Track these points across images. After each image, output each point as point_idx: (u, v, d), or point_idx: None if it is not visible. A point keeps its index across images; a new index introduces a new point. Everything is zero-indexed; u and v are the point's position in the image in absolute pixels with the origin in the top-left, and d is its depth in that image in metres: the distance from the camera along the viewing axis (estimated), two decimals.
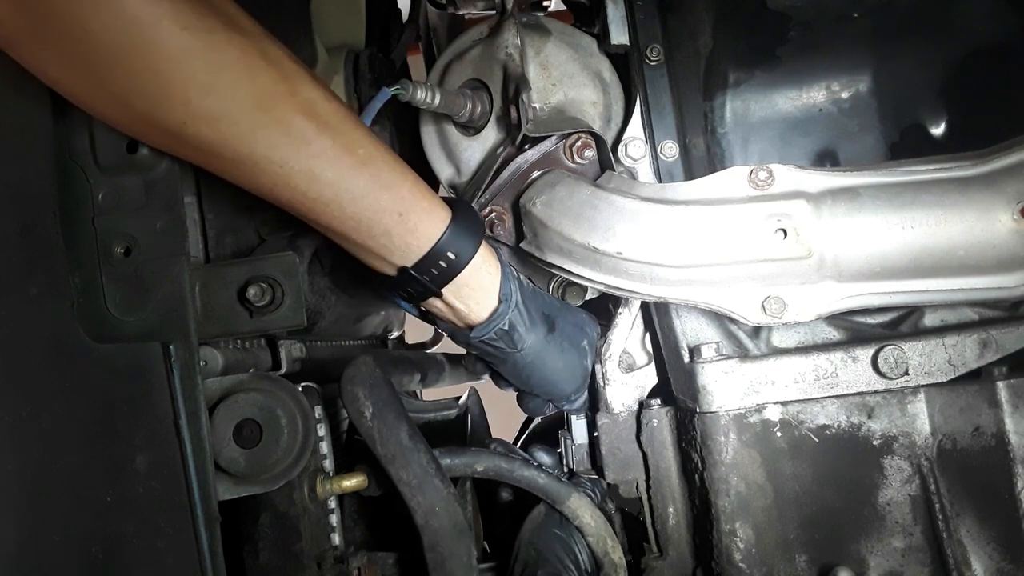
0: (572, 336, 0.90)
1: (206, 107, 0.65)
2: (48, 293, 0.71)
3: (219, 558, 0.71)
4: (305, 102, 0.69)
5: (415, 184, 0.77)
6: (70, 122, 0.74)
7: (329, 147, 0.71)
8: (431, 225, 0.78)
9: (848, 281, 0.83)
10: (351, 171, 0.72)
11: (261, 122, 0.67)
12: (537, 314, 0.86)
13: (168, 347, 0.71)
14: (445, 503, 0.81)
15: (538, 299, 0.88)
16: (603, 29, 0.96)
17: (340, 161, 0.72)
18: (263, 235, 0.86)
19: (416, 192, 0.77)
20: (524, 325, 0.85)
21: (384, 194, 0.75)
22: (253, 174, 0.70)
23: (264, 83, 0.67)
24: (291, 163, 0.69)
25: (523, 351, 0.86)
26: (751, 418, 0.86)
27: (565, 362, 0.89)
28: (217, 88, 0.65)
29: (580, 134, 0.92)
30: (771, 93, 1.01)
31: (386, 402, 0.83)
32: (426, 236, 0.78)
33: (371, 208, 0.74)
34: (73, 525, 0.68)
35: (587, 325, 0.93)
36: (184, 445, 0.70)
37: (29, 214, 0.72)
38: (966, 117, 0.97)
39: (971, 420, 0.83)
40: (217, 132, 0.67)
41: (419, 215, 0.77)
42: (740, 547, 0.85)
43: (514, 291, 0.83)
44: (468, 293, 0.82)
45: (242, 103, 0.66)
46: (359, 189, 0.73)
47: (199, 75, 0.64)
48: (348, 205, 0.74)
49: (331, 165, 0.71)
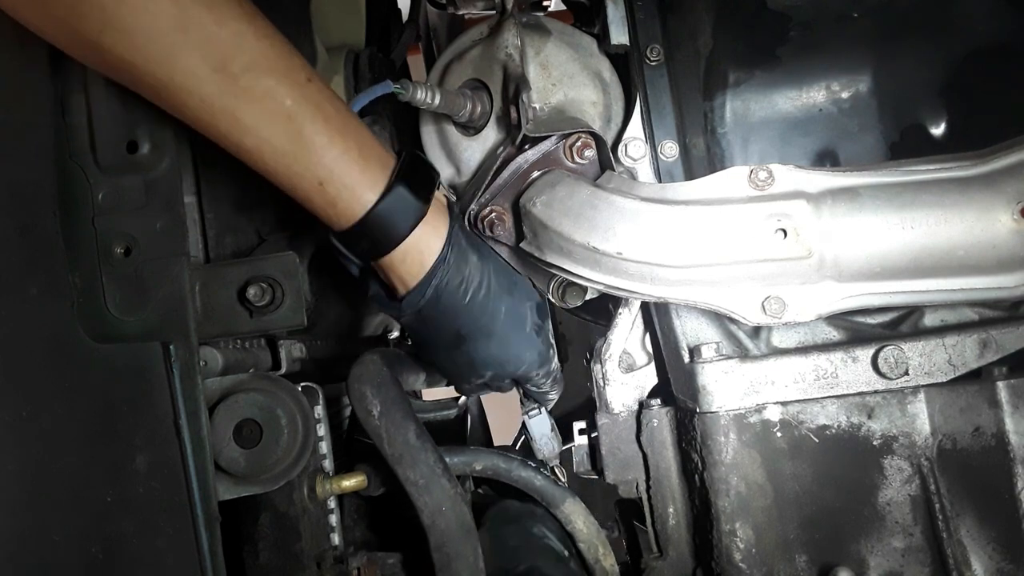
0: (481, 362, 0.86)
1: (121, 18, 0.62)
2: (48, 293, 0.71)
3: (219, 558, 0.71)
4: (232, 34, 0.65)
5: (344, 152, 0.71)
6: (70, 122, 0.74)
7: (252, 88, 0.66)
8: (352, 202, 0.73)
9: (848, 281, 0.83)
10: (272, 121, 0.68)
11: (179, 44, 0.64)
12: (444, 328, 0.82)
13: (168, 347, 0.71)
14: (452, 503, 0.81)
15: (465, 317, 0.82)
16: (603, 29, 0.96)
17: (262, 107, 0.67)
18: (263, 235, 0.86)
19: (342, 162, 0.71)
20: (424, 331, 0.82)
21: (304, 156, 0.70)
22: (176, 105, 0.67)
23: (186, 2, 0.63)
24: (211, 99, 0.66)
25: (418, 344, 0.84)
26: (751, 418, 0.86)
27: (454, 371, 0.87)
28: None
29: (580, 134, 0.92)
30: (771, 93, 1.00)
31: (393, 401, 0.83)
32: (345, 213, 0.74)
33: (290, 168, 0.70)
34: (73, 525, 0.68)
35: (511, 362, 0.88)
36: (184, 445, 0.70)
37: (29, 214, 0.72)
38: (966, 117, 0.97)
39: (971, 420, 0.83)
40: (134, 48, 0.63)
41: (339, 189, 0.72)
42: (740, 547, 0.85)
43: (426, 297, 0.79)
44: (389, 274, 0.79)
45: (160, 20, 0.63)
46: (279, 144, 0.69)
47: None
48: (269, 159, 0.70)
49: (252, 110, 0.67)
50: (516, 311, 0.87)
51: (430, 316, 0.81)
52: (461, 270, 0.81)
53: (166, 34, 0.63)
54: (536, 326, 0.89)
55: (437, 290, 0.79)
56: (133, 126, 0.74)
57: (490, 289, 0.84)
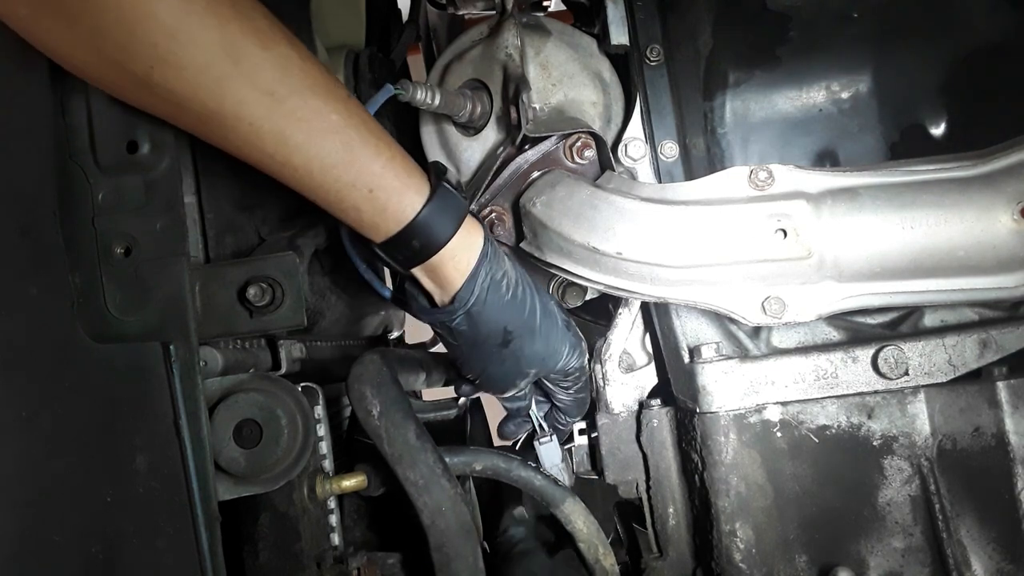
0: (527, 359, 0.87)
1: (172, 53, 0.63)
2: (48, 293, 0.71)
3: (219, 558, 0.71)
4: (278, 58, 0.67)
5: (391, 160, 0.74)
6: (70, 122, 0.74)
7: (300, 108, 0.68)
8: (401, 207, 0.75)
9: (848, 281, 0.83)
10: (321, 137, 0.70)
11: (229, 74, 0.65)
12: (494, 327, 0.84)
13: (168, 347, 0.71)
14: (452, 503, 0.81)
15: (509, 314, 0.84)
16: (603, 29, 0.96)
17: (311, 125, 0.69)
18: (263, 235, 0.86)
19: (391, 168, 0.74)
20: (473, 332, 0.83)
21: (355, 166, 0.72)
22: (222, 131, 0.68)
23: (234, 33, 0.64)
24: (260, 122, 0.67)
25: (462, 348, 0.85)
26: (751, 418, 0.86)
27: (504, 372, 0.88)
28: (183, 33, 0.63)
29: (580, 134, 0.92)
30: (771, 93, 1.01)
31: (393, 401, 0.83)
32: (394, 218, 0.75)
33: (341, 179, 0.72)
34: (73, 525, 0.68)
35: (553, 357, 0.90)
36: (184, 445, 0.70)
37: (29, 214, 0.71)
38: (966, 117, 0.97)
39: (971, 420, 0.83)
40: (184, 81, 0.65)
41: (389, 194, 0.74)
42: (740, 547, 0.85)
43: (473, 297, 0.80)
44: (435, 277, 0.80)
45: (210, 52, 0.64)
46: (330, 158, 0.70)
47: (165, 18, 0.62)
48: (317, 174, 0.71)
49: (301, 128, 0.69)
50: (547, 307, 0.88)
51: (479, 314, 0.82)
52: (502, 265, 0.83)
53: (216, 65, 0.65)
54: (565, 321, 0.91)
55: (484, 285, 0.81)
56: (133, 126, 0.74)
57: (526, 286, 0.86)
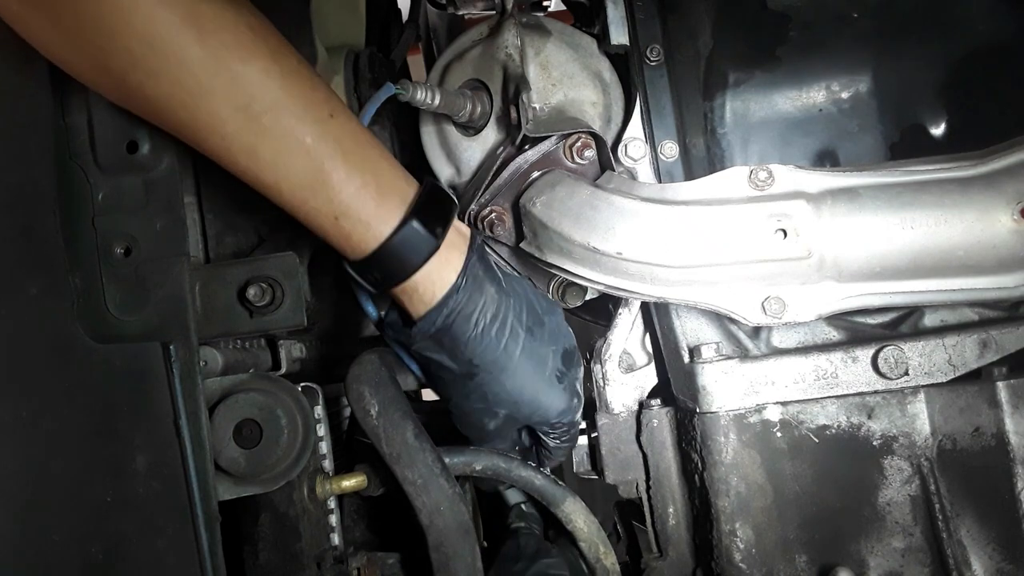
0: (494, 398, 0.86)
1: (148, 61, 0.63)
2: (48, 293, 0.71)
3: (219, 558, 0.71)
4: (256, 74, 0.66)
5: (362, 188, 0.73)
6: (70, 122, 0.74)
7: (273, 127, 0.68)
8: (364, 239, 0.75)
9: (848, 281, 0.83)
10: (291, 158, 0.69)
11: (203, 87, 0.65)
12: (459, 358, 0.83)
13: (168, 347, 0.71)
14: (450, 503, 0.81)
15: (477, 347, 0.83)
16: (603, 29, 0.96)
17: (281, 145, 0.69)
18: (263, 235, 0.86)
19: (360, 197, 0.73)
20: (438, 358, 0.82)
21: (323, 192, 0.71)
22: (198, 140, 0.69)
23: (211, 46, 0.64)
24: (232, 137, 0.67)
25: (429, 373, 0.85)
26: (751, 418, 0.86)
27: (469, 409, 0.87)
28: (160, 43, 0.63)
29: (580, 134, 0.92)
30: (771, 93, 1.00)
31: (392, 401, 0.83)
32: (358, 247, 0.76)
33: (307, 203, 0.72)
34: (73, 525, 0.68)
35: (523, 405, 0.87)
36: (184, 445, 0.70)
37: (29, 214, 0.72)
38: (966, 117, 0.97)
39: (971, 420, 0.83)
40: (160, 89, 0.65)
41: (354, 224, 0.74)
42: (740, 547, 0.85)
43: (437, 325, 0.80)
44: (403, 302, 0.81)
45: (184, 63, 0.64)
46: (297, 179, 0.70)
47: (143, 26, 0.62)
48: (286, 193, 0.71)
49: (271, 148, 0.68)
50: (535, 351, 0.86)
51: (443, 342, 0.82)
52: (475, 301, 0.82)
53: (192, 77, 0.65)
54: (558, 372, 0.89)
55: (447, 319, 0.81)
56: (133, 126, 0.74)
57: (506, 324, 0.84)
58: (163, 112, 0.67)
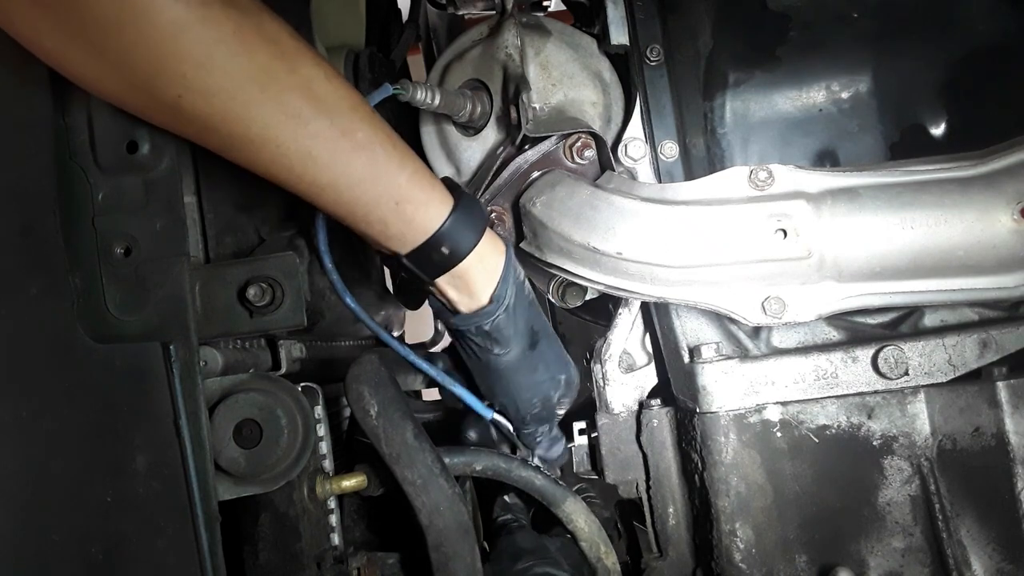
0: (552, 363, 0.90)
1: (201, 81, 0.64)
2: (48, 293, 0.71)
3: (219, 558, 0.71)
4: (303, 80, 0.68)
5: (415, 173, 0.76)
6: (70, 122, 0.74)
7: (326, 129, 0.69)
8: (428, 217, 0.77)
9: (848, 281, 0.83)
10: (348, 155, 0.71)
11: (257, 100, 0.66)
12: (525, 327, 0.87)
13: (168, 347, 0.71)
14: (450, 503, 0.81)
15: (533, 313, 0.88)
16: (603, 29, 0.96)
17: (337, 144, 0.70)
18: (263, 235, 0.86)
19: (415, 181, 0.76)
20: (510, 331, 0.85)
21: (381, 181, 0.74)
22: (250, 152, 0.70)
23: (261, 60, 0.65)
24: (288, 143, 0.68)
25: (500, 356, 0.86)
26: (751, 418, 0.86)
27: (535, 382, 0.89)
28: (212, 62, 0.63)
29: (580, 134, 0.92)
30: (771, 93, 1.01)
31: (391, 401, 0.83)
32: (421, 228, 0.77)
33: (367, 194, 0.74)
34: (73, 525, 0.68)
35: (571, 365, 0.93)
36: (184, 445, 0.70)
37: (29, 214, 0.72)
38: (966, 117, 0.97)
39: (971, 420, 0.83)
40: (213, 108, 0.65)
41: (415, 206, 0.76)
42: (740, 547, 0.85)
43: (508, 296, 0.83)
44: (462, 284, 0.82)
45: (238, 79, 0.65)
46: (356, 174, 0.72)
47: (193, 48, 0.62)
48: (344, 190, 0.73)
49: (327, 147, 0.70)
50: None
51: (512, 314, 0.85)
52: (520, 269, 0.87)
53: (244, 91, 0.65)
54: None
55: (514, 286, 0.84)
56: (133, 126, 0.74)
57: (535, 292, 0.90)
58: (215, 130, 0.68)
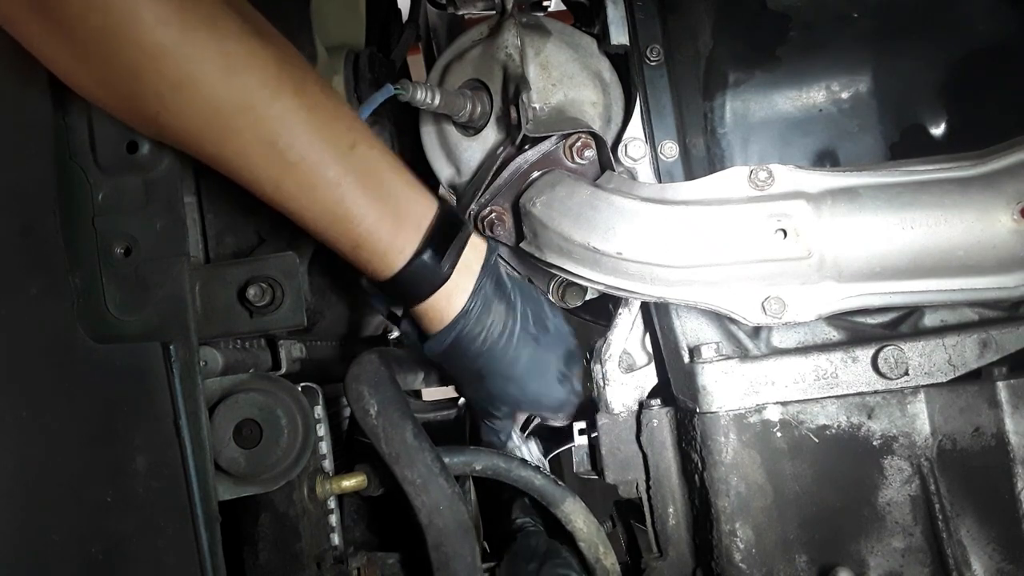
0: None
1: (178, 103, 0.65)
2: (48, 293, 0.71)
3: (219, 558, 0.71)
4: (283, 110, 0.68)
5: (380, 220, 0.76)
6: (70, 122, 0.74)
7: (299, 162, 0.70)
8: (380, 267, 0.79)
9: (848, 281, 0.83)
10: (314, 191, 0.73)
11: (233, 127, 0.67)
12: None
13: (168, 347, 0.71)
14: (449, 502, 0.81)
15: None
16: (603, 29, 0.96)
17: (305, 179, 0.72)
18: (263, 235, 0.86)
19: (378, 228, 0.76)
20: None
21: (343, 223, 0.75)
22: (227, 171, 0.71)
23: (240, 86, 0.66)
24: (258, 170, 0.70)
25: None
26: (751, 418, 0.86)
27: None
28: (188, 86, 0.64)
29: (580, 134, 0.92)
30: (771, 93, 1.00)
31: (391, 400, 0.83)
32: (376, 272, 0.80)
33: (328, 231, 0.76)
34: (73, 525, 0.68)
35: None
36: (184, 445, 0.70)
37: (29, 214, 0.72)
38: (966, 117, 0.97)
39: (971, 420, 0.83)
40: (188, 129, 0.67)
41: (371, 254, 0.78)
42: (740, 547, 0.85)
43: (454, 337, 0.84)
44: (422, 319, 0.85)
45: (213, 104, 0.66)
46: (320, 210, 0.74)
47: (170, 71, 0.63)
48: (309, 222, 0.75)
49: (295, 181, 0.71)
50: (540, 358, 0.91)
51: (452, 356, 0.87)
52: (483, 321, 0.86)
53: (221, 117, 0.67)
54: (561, 374, 0.93)
55: (456, 339, 0.85)
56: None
57: (512, 337, 0.88)
58: (194, 146, 0.70)
